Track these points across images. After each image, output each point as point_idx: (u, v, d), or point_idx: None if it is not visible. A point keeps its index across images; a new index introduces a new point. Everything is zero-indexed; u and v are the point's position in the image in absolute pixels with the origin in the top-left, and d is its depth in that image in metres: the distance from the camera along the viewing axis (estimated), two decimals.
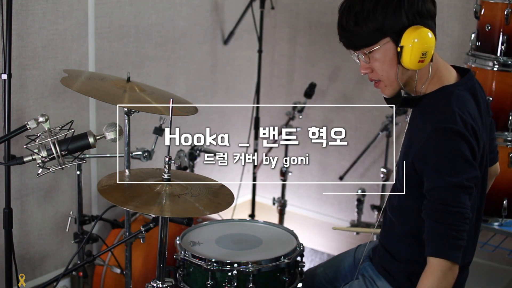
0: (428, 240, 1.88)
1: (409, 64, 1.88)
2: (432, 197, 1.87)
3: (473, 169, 1.86)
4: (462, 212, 1.84)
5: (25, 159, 1.97)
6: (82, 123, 3.10)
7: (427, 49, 1.86)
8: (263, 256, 2.28)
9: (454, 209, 1.84)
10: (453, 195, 1.85)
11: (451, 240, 1.85)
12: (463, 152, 1.83)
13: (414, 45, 1.84)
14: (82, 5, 3.00)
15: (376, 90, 2.16)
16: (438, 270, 1.85)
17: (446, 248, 1.85)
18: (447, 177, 1.84)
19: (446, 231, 1.85)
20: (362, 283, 2.16)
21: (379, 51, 1.90)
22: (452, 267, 1.85)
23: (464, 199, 1.85)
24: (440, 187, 1.86)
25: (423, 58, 1.87)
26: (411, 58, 1.87)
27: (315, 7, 3.94)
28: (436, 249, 1.86)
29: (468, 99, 1.95)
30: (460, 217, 1.85)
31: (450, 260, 1.84)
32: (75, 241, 2.76)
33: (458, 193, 1.84)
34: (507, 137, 2.72)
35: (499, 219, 2.77)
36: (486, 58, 2.73)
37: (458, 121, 1.84)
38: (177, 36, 3.53)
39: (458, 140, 1.83)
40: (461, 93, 1.94)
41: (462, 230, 1.85)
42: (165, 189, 1.95)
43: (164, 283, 2.07)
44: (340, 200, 4.05)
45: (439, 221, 1.86)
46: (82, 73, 2.69)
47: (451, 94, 1.92)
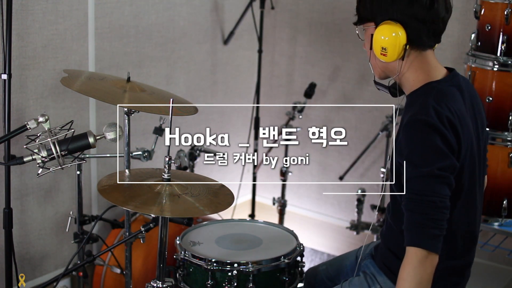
0: (406, 231, 1.90)
1: (376, 53, 2.00)
2: (408, 188, 1.90)
3: (446, 158, 1.87)
4: (436, 201, 1.86)
5: (25, 159, 1.97)
6: (82, 123, 3.10)
7: (387, 46, 1.95)
8: (263, 256, 2.28)
9: (427, 198, 1.86)
10: (426, 185, 1.87)
11: (426, 230, 1.87)
12: (433, 141, 1.85)
13: (376, 38, 1.97)
14: (82, 5, 3.00)
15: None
16: (414, 259, 1.87)
17: (421, 237, 1.87)
18: (418, 168, 1.87)
19: (421, 221, 1.87)
20: (363, 279, 2.17)
21: (366, 32, 2.05)
22: (428, 255, 1.86)
23: (438, 188, 1.86)
24: (413, 178, 1.88)
25: (384, 53, 1.96)
26: (375, 49, 1.99)
27: (315, 7, 3.94)
28: (411, 239, 1.88)
29: (453, 94, 1.98)
30: (434, 206, 1.86)
31: (425, 248, 1.86)
32: (75, 241, 2.76)
33: (431, 182, 1.86)
34: (507, 137, 2.72)
35: (499, 219, 2.77)
36: (486, 58, 2.73)
37: (431, 112, 1.88)
38: (177, 36, 3.53)
39: (427, 131, 1.86)
40: (445, 89, 1.98)
41: (437, 219, 1.87)
42: (165, 189, 1.95)
43: (164, 283, 2.07)
44: (340, 200, 4.05)
45: (414, 211, 1.88)
46: (82, 73, 2.69)
47: (432, 89, 1.97)
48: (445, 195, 1.88)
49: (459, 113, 1.94)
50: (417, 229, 1.88)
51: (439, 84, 1.98)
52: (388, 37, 1.94)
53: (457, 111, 1.93)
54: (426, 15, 1.93)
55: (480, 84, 2.75)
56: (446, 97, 1.95)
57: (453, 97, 1.96)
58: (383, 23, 1.95)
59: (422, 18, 1.93)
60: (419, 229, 1.88)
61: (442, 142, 1.86)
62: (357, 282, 2.18)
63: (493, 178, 2.72)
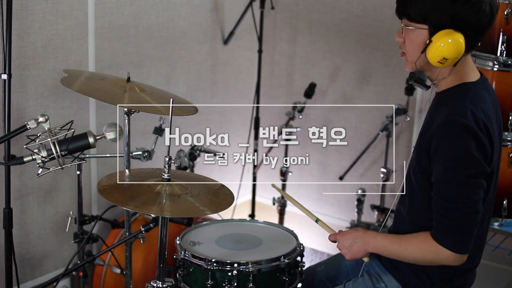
0: (435, 229, 1.93)
1: (430, 60, 1.94)
2: (436, 189, 1.92)
3: (477, 165, 1.87)
4: (462, 208, 1.88)
5: (25, 159, 1.97)
6: (82, 123, 3.10)
7: (449, 56, 1.90)
8: (263, 256, 2.28)
9: (455, 204, 1.88)
10: (454, 190, 1.88)
11: (454, 235, 1.90)
12: (467, 147, 1.85)
13: (440, 48, 1.89)
14: (82, 5, 3.00)
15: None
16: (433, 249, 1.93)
17: (448, 240, 1.90)
18: (448, 172, 1.88)
19: (448, 226, 1.90)
20: (367, 279, 2.17)
21: (415, 32, 1.96)
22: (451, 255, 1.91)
23: (467, 193, 1.88)
24: (441, 181, 1.90)
25: (443, 61, 1.92)
26: (433, 56, 1.92)
27: (315, 7, 3.94)
28: (440, 238, 1.91)
29: (486, 98, 1.98)
30: (461, 213, 1.88)
31: (451, 250, 1.91)
32: (75, 241, 2.76)
33: (459, 188, 1.87)
34: (507, 137, 2.72)
35: (499, 219, 2.76)
36: (486, 58, 2.73)
37: (469, 115, 1.87)
38: (177, 36, 3.53)
39: (463, 135, 1.86)
40: (480, 92, 1.98)
41: (464, 225, 1.90)
42: (165, 189, 1.95)
43: (164, 283, 2.07)
44: (340, 200, 4.05)
45: (442, 214, 1.91)
46: (82, 73, 2.69)
47: (468, 90, 1.97)
48: (475, 200, 1.89)
49: (491, 118, 1.95)
50: (445, 232, 1.91)
51: (474, 87, 1.98)
52: (452, 47, 1.89)
53: (490, 115, 1.94)
54: (487, 23, 1.93)
55: None
56: (481, 100, 1.95)
57: (486, 101, 1.97)
58: (446, 31, 1.89)
59: (482, 26, 1.92)
60: (447, 233, 1.91)
61: (476, 148, 1.86)
62: (361, 281, 2.19)
63: None
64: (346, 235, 2.11)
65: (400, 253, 2.00)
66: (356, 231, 2.11)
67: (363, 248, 2.06)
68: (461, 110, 1.89)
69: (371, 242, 2.05)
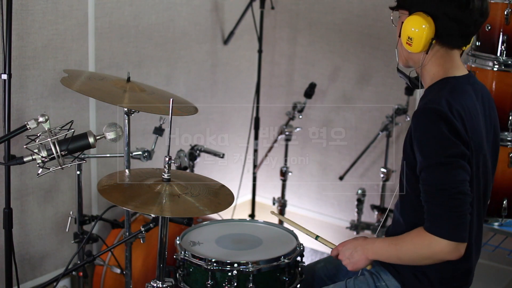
0: (427, 221, 1.90)
1: (402, 41, 2.00)
2: (422, 180, 1.90)
3: (454, 145, 1.86)
4: (448, 189, 1.85)
5: (25, 159, 1.97)
6: (82, 123, 3.10)
7: (414, 36, 1.95)
8: (263, 256, 2.28)
9: (441, 187, 1.86)
10: (437, 175, 1.87)
11: (447, 221, 1.86)
12: (439, 130, 1.85)
13: (405, 26, 1.97)
14: (82, 5, 3.00)
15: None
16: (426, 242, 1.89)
17: (443, 228, 1.86)
18: (427, 158, 1.87)
19: (439, 212, 1.87)
20: (368, 277, 2.17)
21: (399, 19, 2.03)
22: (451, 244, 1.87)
23: (451, 175, 1.86)
24: (424, 168, 1.89)
25: (409, 42, 1.96)
26: (402, 37, 1.99)
27: (315, 7, 3.94)
28: (433, 229, 1.88)
29: (468, 92, 1.99)
30: (448, 195, 1.86)
31: (448, 239, 1.86)
32: (75, 241, 2.76)
33: (441, 171, 1.86)
34: (507, 137, 2.72)
35: (499, 219, 2.76)
36: (486, 58, 2.73)
37: (443, 103, 1.88)
38: (177, 36, 3.53)
39: (435, 119, 1.86)
40: (462, 86, 1.99)
41: (454, 207, 1.86)
42: (165, 189, 1.95)
43: (164, 283, 2.07)
44: (340, 200, 4.05)
45: (431, 202, 1.88)
46: (82, 73, 2.69)
47: (448, 83, 1.98)
48: (460, 181, 1.87)
49: (471, 110, 1.95)
50: (436, 219, 1.87)
51: (456, 81, 2.00)
52: (416, 28, 1.94)
53: (469, 108, 1.94)
54: (459, 14, 1.93)
55: None
56: (460, 92, 1.96)
57: (466, 94, 1.98)
58: (415, 13, 1.95)
59: (454, 16, 1.93)
60: (437, 219, 1.87)
61: (449, 130, 1.86)
62: (363, 279, 2.19)
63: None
64: (346, 245, 2.11)
65: (398, 254, 1.98)
66: (355, 240, 2.10)
67: (363, 256, 2.06)
68: (436, 98, 1.91)
69: (370, 248, 2.04)
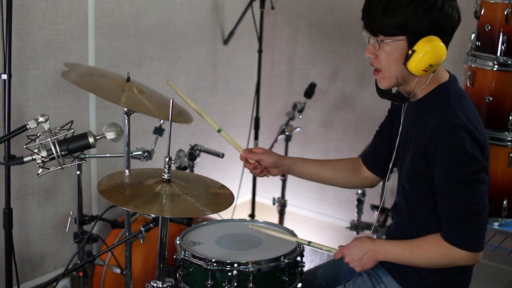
0: (445, 233, 1.94)
1: (414, 70, 1.91)
2: (440, 192, 1.92)
3: (476, 162, 1.88)
4: (468, 207, 1.89)
5: (25, 159, 1.97)
6: (82, 123, 3.10)
7: (435, 62, 1.89)
8: (263, 256, 2.28)
9: (461, 205, 1.89)
10: (457, 191, 1.89)
11: (466, 234, 1.91)
12: (462, 145, 1.86)
13: (426, 55, 1.87)
14: (82, 5, 3.00)
15: (375, 90, 2.16)
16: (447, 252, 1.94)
17: (462, 241, 1.91)
18: (449, 174, 1.88)
19: (459, 227, 1.91)
20: (367, 279, 2.17)
21: (392, 44, 1.92)
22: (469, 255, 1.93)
23: (471, 191, 1.89)
24: (443, 184, 1.91)
25: (428, 69, 1.90)
26: (418, 65, 1.89)
27: (315, 7, 3.94)
28: (453, 240, 1.92)
29: (464, 93, 2.02)
30: (468, 212, 1.89)
31: (467, 250, 1.92)
32: (75, 241, 2.76)
33: (462, 188, 1.88)
34: (507, 137, 2.72)
35: (499, 219, 2.76)
36: (486, 58, 2.73)
37: (459, 114, 1.89)
38: (177, 36, 3.53)
39: (459, 134, 1.86)
40: (457, 89, 2.00)
41: (473, 223, 1.91)
42: (165, 189, 1.94)
43: (164, 283, 2.07)
44: (340, 200, 4.05)
45: (450, 216, 1.92)
46: (83, 67, 2.68)
47: (448, 90, 1.98)
48: (481, 196, 1.90)
49: (476, 111, 1.98)
50: (458, 233, 1.92)
51: (451, 85, 2.00)
52: (437, 54, 1.87)
53: (474, 110, 1.98)
54: (456, 28, 1.95)
55: (480, 84, 2.75)
56: (463, 97, 1.98)
57: (466, 96, 2.01)
58: (428, 39, 1.87)
59: (454, 31, 1.94)
60: (459, 233, 1.92)
61: (472, 144, 1.87)
62: (361, 282, 2.18)
63: (493, 178, 2.71)
64: (354, 248, 2.08)
65: (413, 260, 2.00)
66: (362, 242, 2.08)
67: (373, 258, 2.06)
68: (450, 110, 1.90)
69: (381, 252, 2.05)
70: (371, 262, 2.06)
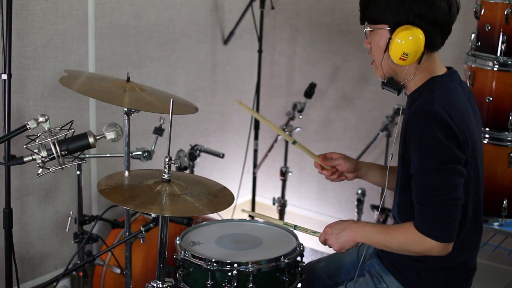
0: (418, 221, 1.93)
1: (392, 57, 1.97)
2: (415, 180, 1.93)
3: (448, 151, 1.87)
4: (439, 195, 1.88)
5: (25, 159, 1.97)
6: (82, 123, 3.10)
7: (409, 51, 1.93)
8: (263, 256, 2.28)
9: (432, 192, 1.88)
10: (429, 179, 1.89)
11: (437, 224, 1.89)
12: (435, 134, 1.86)
13: (400, 43, 1.93)
14: (82, 5, 3.00)
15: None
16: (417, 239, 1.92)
17: (432, 230, 1.90)
18: (421, 162, 1.89)
19: (431, 215, 1.90)
20: (369, 279, 2.17)
21: (377, 33, 2.00)
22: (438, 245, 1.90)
23: (442, 180, 1.88)
24: (417, 172, 1.91)
25: (404, 57, 1.94)
26: (393, 53, 1.96)
27: (315, 7, 3.95)
28: (423, 229, 1.91)
29: (456, 89, 2.01)
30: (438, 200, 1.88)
31: (436, 240, 1.90)
32: (75, 241, 2.76)
33: (434, 176, 1.88)
34: (507, 137, 2.72)
35: (499, 219, 2.76)
36: (486, 58, 2.73)
37: (436, 104, 1.89)
38: (177, 36, 3.53)
39: (431, 123, 1.87)
40: (448, 83, 2.01)
41: (445, 212, 1.89)
42: (165, 189, 1.95)
43: (164, 283, 2.07)
44: (340, 200, 4.05)
45: (423, 204, 1.91)
46: (82, 74, 2.69)
47: (435, 82, 2.00)
48: (453, 186, 1.89)
49: (462, 108, 1.96)
50: (427, 221, 1.91)
51: (442, 79, 2.01)
52: (411, 42, 1.92)
53: (460, 106, 1.96)
54: (445, 19, 1.95)
55: (480, 84, 2.75)
56: (450, 90, 1.98)
57: (456, 91, 2.00)
58: (403, 27, 1.93)
59: (441, 22, 1.95)
60: (428, 222, 1.90)
61: (446, 134, 1.87)
62: (363, 282, 2.18)
63: (493, 178, 2.72)
64: (334, 226, 2.12)
65: (387, 243, 2.00)
66: (344, 221, 2.12)
67: (351, 237, 2.07)
68: (428, 99, 1.92)
69: (359, 231, 2.05)
70: (350, 242, 2.07)
